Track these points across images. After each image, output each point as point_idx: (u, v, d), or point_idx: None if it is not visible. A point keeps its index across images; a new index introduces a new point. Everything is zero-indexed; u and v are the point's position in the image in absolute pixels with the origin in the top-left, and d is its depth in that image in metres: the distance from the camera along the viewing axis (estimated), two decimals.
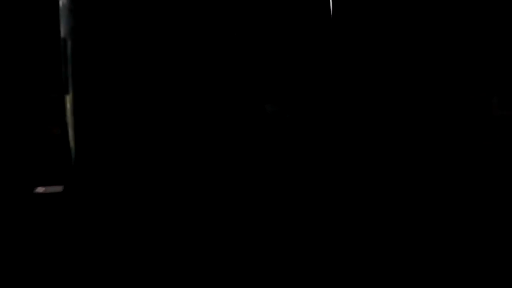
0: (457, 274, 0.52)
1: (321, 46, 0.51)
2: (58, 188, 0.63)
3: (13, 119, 0.72)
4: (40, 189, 0.62)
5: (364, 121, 0.53)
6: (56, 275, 0.45)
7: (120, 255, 0.40)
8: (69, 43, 0.79)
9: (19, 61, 0.72)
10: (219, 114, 0.44)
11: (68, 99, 0.61)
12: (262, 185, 0.45)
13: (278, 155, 0.45)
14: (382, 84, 0.55)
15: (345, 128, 0.51)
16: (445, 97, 0.53)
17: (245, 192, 0.43)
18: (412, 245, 0.53)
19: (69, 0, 0.72)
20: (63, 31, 0.78)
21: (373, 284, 0.45)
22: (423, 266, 0.53)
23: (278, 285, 0.42)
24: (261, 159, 0.45)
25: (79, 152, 0.41)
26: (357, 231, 0.49)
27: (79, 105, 0.49)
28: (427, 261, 0.51)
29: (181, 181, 0.42)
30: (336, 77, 0.52)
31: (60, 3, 0.75)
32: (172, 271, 0.41)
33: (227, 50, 0.52)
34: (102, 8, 0.49)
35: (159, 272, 0.41)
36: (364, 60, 0.59)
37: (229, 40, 0.54)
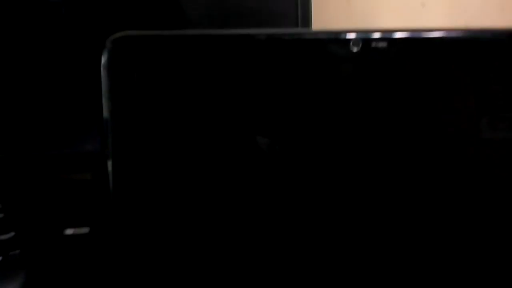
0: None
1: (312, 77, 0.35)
2: (85, 230, 0.58)
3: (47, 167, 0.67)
4: (69, 231, 0.57)
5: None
6: None
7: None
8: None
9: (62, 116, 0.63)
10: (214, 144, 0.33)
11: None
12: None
13: (268, 187, 0.34)
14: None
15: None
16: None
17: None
18: None
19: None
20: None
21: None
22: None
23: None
24: (250, 189, 0.34)
25: (118, 198, 0.34)
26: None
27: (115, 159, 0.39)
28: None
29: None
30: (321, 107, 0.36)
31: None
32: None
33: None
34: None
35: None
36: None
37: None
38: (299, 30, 0.34)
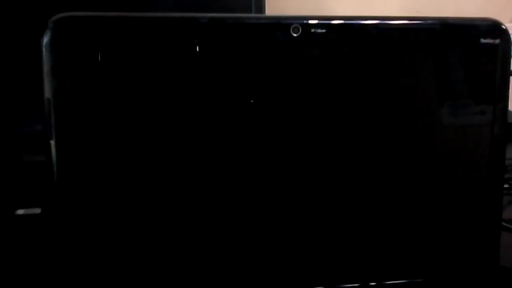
0: None
1: None
2: (37, 210, 0.58)
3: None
4: (20, 211, 0.57)
5: None
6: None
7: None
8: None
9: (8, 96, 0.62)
10: None
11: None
12: None
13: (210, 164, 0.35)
14: None
15: None
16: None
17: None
18: None
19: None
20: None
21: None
22: None
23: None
24: None
25: (62, 178, 0.34)
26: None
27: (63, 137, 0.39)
28: None
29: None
30: None
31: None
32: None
33: None
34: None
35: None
36: None
37: None
38: (242, 15, 0.35)
